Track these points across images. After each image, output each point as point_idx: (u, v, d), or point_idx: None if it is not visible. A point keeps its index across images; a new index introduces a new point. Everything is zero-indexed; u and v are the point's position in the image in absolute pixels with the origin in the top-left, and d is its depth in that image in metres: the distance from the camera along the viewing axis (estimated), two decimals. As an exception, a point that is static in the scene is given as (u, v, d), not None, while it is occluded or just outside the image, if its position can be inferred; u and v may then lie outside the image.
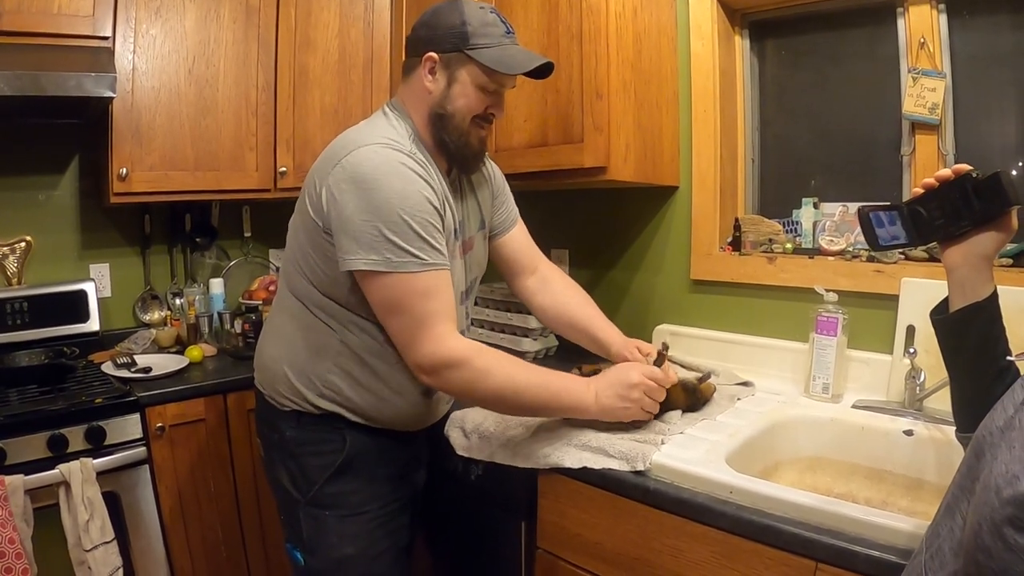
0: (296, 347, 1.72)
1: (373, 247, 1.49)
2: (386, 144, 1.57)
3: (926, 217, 1.18)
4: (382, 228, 1.48)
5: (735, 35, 2.43)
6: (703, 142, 2.37)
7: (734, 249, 2.34)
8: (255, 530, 2.65)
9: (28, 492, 2.04)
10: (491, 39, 1.64)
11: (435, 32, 1.66)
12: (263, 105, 2.92)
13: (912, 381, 1.84)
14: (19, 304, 2.71)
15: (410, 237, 1.50)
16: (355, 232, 1.49)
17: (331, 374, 1.69)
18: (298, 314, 1.72)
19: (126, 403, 2.31)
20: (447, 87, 1.66)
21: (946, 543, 0.90)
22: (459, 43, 1.63)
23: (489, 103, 1.70)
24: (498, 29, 1.66)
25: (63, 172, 2.94)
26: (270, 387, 1.78)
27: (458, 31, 1.63)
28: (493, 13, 1.68)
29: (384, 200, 1.49)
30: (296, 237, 1.71)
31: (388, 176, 1.51)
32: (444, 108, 1.66)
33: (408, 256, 1.50)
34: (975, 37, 2.03)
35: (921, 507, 1.68)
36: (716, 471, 1.49)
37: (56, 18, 2.43)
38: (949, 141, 2.05)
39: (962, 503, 0.90)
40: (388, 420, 1.75)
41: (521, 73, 1.68)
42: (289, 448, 1.75)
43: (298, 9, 2.92)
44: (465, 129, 1.68)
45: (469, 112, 1.67)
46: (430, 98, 1.67)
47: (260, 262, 3.47)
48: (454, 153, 1.70)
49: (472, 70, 1.64)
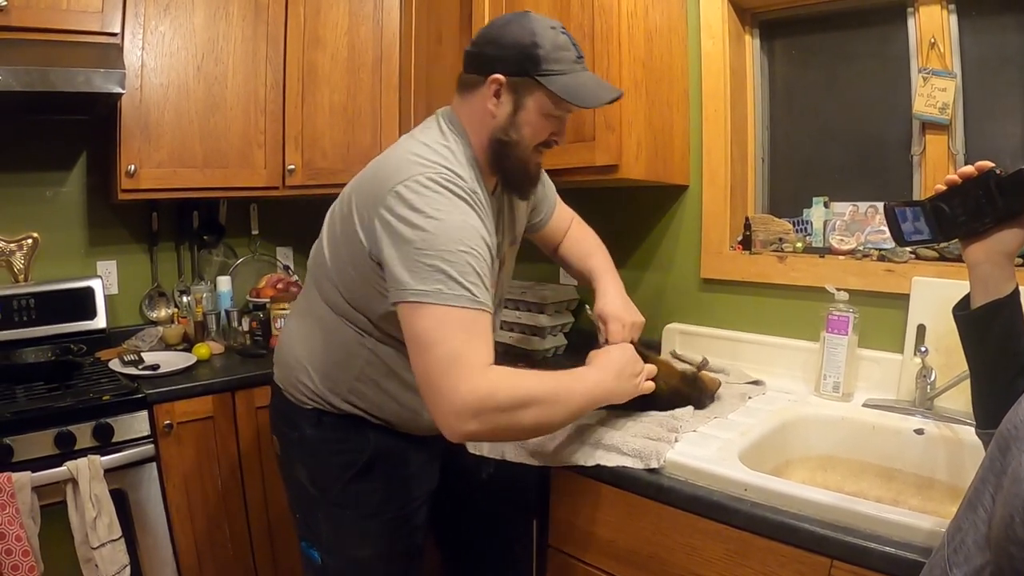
0: (323, 352, 1.69)
1: (426, 279, 1.38)
2: (444, 173, 1.47)
3: (949, 214, 1.17)
4: (438, 261, 1.38)
5: (745, 34, 2.43)
6: (713, 141, 2.36)
7: (744, 248, 2.34)
8: (262, 528, 2.65)
9: (35, 489, 2.05)
10: (563, 64, 1.54)
11: (503, 52, 1.55)
12: (272, 103, 2.92)
13: (923, 380, 1.84)
14: (26, 301, 2.71)
15: (466, 271, 1.40)
16: (410, 264, 1.39)
17: (358, 381, 1.66)
18: (328, 320, 1.68)
19: (134, 400, 2.31)
20: (513, 113, 1.57)
21: (969, 537, 0.90)
22: (529, 67, 1.52)
23: (553, 129, 1.62)
24: (570, 54, 1.56)
25: (71, 169, 2.94)
26: (291, 385, 1.76)
27: (529, 53, 1.52)
28: (564, 35, 1.57)
29: (443, 232, 1.40)
30: (335, 248, 1.64)
31: (448, 210, 1.43)
32: (508, 135, 1.58)
33: (462, 290, 1.38)
34: (985, 38, 2.02)
35: (932, 506, 1.68)
36: (730, 469, 1.48)
37: (65, 14, 2.43)
38: (959, 141, 2.05)
39: (984, 497, 0.89)
40: (409, 428, 1.73)
41: (595, 106, 1.60)
42: (310, 446, 1.73)
43: (307, 7, 2.92)
44: (527, 156, 1.61)
45: (534, 140, 1.60)
46: (493, 122, 1.58)
47: (267, 260, 3.46)
48: (511, 179, 1.65)
49: (541, 97, 1.55)
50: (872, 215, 2.16)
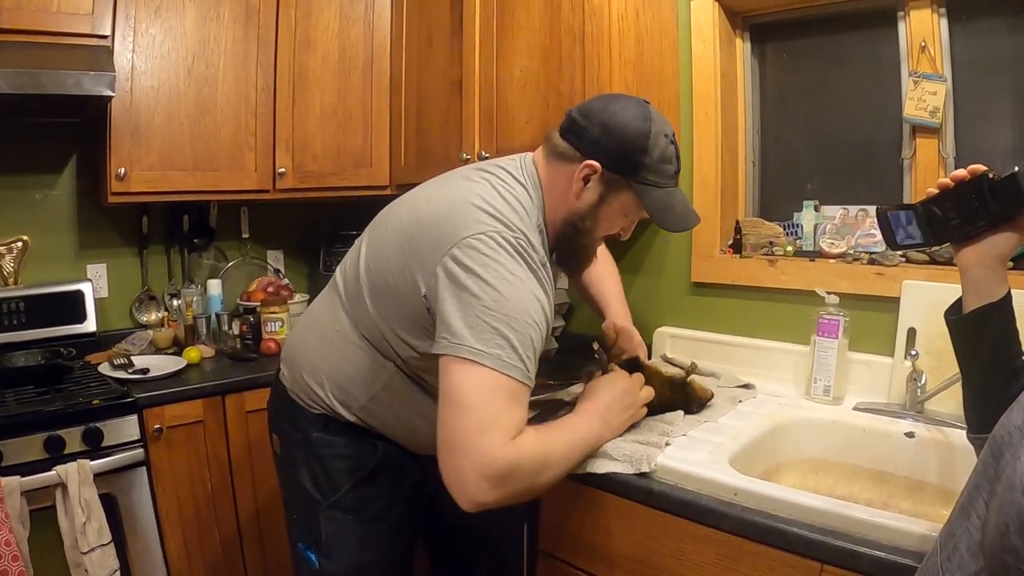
0: (341, 366, 1.66)
1: (488, 340, 1.33)
2: (519, 237, 1.44)
3: (941, 217, 1.17)
4: (503, 326, 1.34)
5: (736, 38, 2.43)
6: (704, 144, 2.36)
7: (735, 251, 2.34)
8: (253, 532, 2.64)
9: (25, 494, 2.04)
10: (662, 178, 1.51)
11: (610, 141, 1.49)
12: (262, 105, 2.91)
13: (913, 383, 1.84)
14: (16, 304, 2.70)
15: (526, 344, 1.37)
16: (472, 320, 1.35)
17: (371, 402, 1.65)
18: (352, 338, 1.64)
19: (124, 404, 2.30)
20: (596, 204, 1.53)
21: (963, 544, 0.89)
22: (629, 171, 1.49)
23: (624, 226, 1.62)
24: (671, 167, 1.52)
25: (61, 171, 2.93)
26: (300, 389, 1.73)
27: (635, 158, 1.48)
28: (673, 145, 1.53)
29: (513, 298, 1.37)
30: (381, 276, 1.57)
31: (521, 277, 1.40)
32: (584, 223, 1.55)
33: (519, 361, 1.35)
34: (975, 41, 2.03)
35: (923, 509, 1.68)
36: (720, 472, 1.48)
37: (55, 16, 2.42)
38: (950, 144, 2.05)
39: (978, 503, 0.89)
40: (416, 446, 1.73)
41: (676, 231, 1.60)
42: (314, 449, 1.71)
43: (298, 9, 2.92)
44: (593, 246, 1.62)
45: (605, 232, 1.60)
46: (574, 204, 1.54)
47: (258, 263, 3.45)
48: (569, 260, 1.64)
49: (628, 199, 1.53)
50: (862, 218, 2.16)
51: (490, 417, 1.33)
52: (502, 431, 1.33)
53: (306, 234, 3.48)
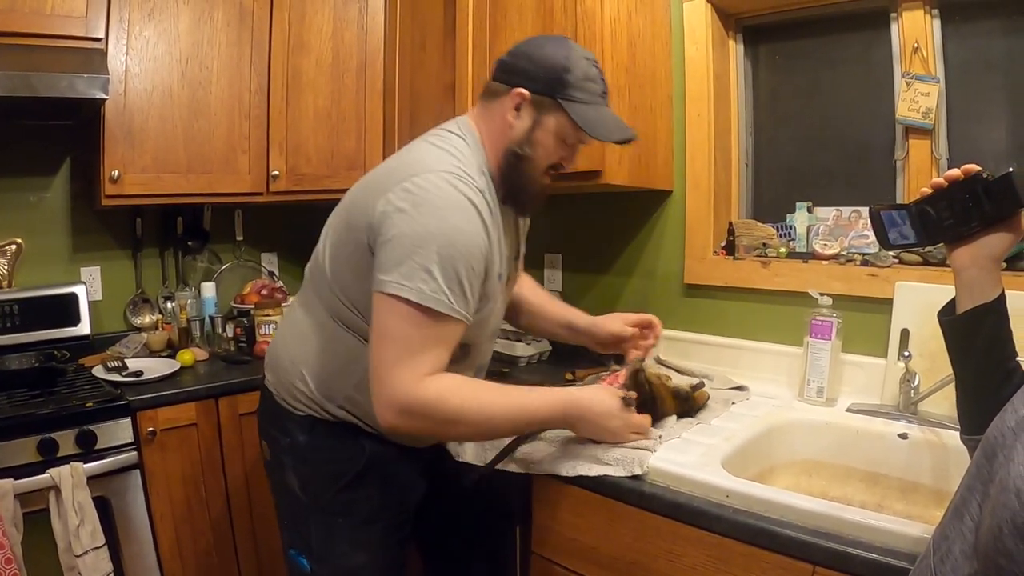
0: (321, 358, 1.68)
1: (411, 274, 1.40)
2: (457, 176, 1.49)
3: (935, 217, 1.17)
4: (427, 259, 1.40)
5: (729, 40, 2.44)
6: (697, 146, 2.37)
7: (728, 253, 2.34)
8: (247, 535, 2.63)
9: (18, 497, 2.03)
10: (588, 95, 1.56)
11: (534, 68, 1.57)
12: (256, 108, 2.91)
13: (907, 384, 1.84)
14: (9, 307, 2.69)
15: (450, 277, 1.42)
16: (399, 255, 1.41)
17: (353, 390, 1.64)
18: (325, 326, 1.67)
19: (117, 407, 2.29)
20: (530, 129, 1.58)
21: (956, 546, 0.89)
22: (556, 90, 1.55)
23: (564, 154, 1.64)
24: (597, 86, 1.58)
25: (54, 174, 2.92)
26: (284, 390, 1.74)
27: (558, 76, 1.54)
28: (595, 68, 1.59)
29: (440, 232, 1.41)
30: (336, 249, 1.65)
31: (452, 209, 1.44)
32: (522, 149, 1.59)
33: (441, 294, 1.41)
34: (968, 43, 2.04)
35: (916, 510, 1.68)
36: (712, 475, 1.48)
37: (49, 19, 2.42)
38: (942, 145, 2.06)
39: (971, 505, 0.89)
40: (402, 439, 1.71)
41: (609, 141, 1.62)
42: (302, 453, 1.71)
43: (292, 12, 2.92)
44: (536, 176, 1.62)
45: (546, 159, 1.61)
46: (510, 134, 1.59)
47: (252, 266, 3.45)
48: (518, 196, 1.64)
49: (561, 120, 1.56)
50: (856, 220, 2.16)
51: (403, 351, 1.42)
52: (413, 367, 1.42)
53: (300, 236, 3.46)
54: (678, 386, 1.87)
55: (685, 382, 1.94)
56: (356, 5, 2.92)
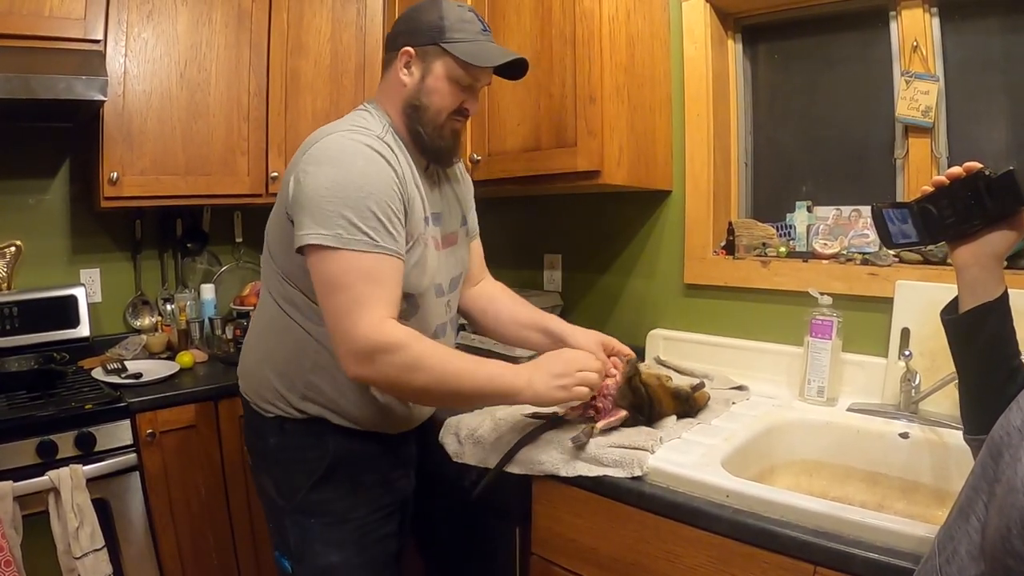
0: (276, 350, 1.72)
1: (326, 223, 1.46)
2: (355, 130, 1.59)
3: (936, 215, 1.16)
4: (339, 205, 1.46)
5: (728, 39, 2.43)
6: (696, 146, 2.37)
7: (728, 253, 2.34)
8: (246, 537, 2.63)
9: (17, 499, 2.03)
10: (467, 34, 1.65)
11: (413, 26, 1.67)
12: (255, 109, 2.91)
13: (907, 384, 1.84)
14: (9, 309, 2.69)
15: (366, 216, 1.47)
16: (312, 208, 1.47)
17: (311, 375, 1.67)
18: (275, 316, 1.71)
19: (116, 409, 2.29)
20: (421, 80, 1.66)
21: (962, 546, 0.89)
22: (435, 37, 1.64)
23: (464, 98, 1.70)
24: (474, 26, 1.67)
25: (53, 176, 2.92)
26: (255, 394, 1.77)
27: (435, 25, 1.64)
28: (471, 12, 1.69)
29: (345, 178, 1.48)
30: (270, 231, 1.72)
31: (353, 156, 1.52)
32: (419, 100, 1.67)
33: (360, 235, 1.47)
34: (967, 41, 2.03)
35: (917, 510, 1.67)
36: (712, 475, 1.48)
37: (47, 21, 2.41)
38: (942, 144, 2.06)
39: (977, 506, 0.88)
40: (371, 421, 1.73)
41: (493, 66, 1.68)
42: (274, 455, 1.74)
43: (290, 13, 2.92)
44: (440, 123, 1.68)
45: (443, 105, 1.67)
46: (405, 91, 1.68)
47: (251, 268, 3.44)
48: (428, 145, 1.69)
49: (447, 63, 1.65)
50: (856, 219, 2.16)
51: (349, 299, 1.46)
52: (367, 311, 1.46)
53: (300, 238, 3.47)
54: (679, 387, 1.86)
55: (686, 382, 1.93)
56: (354, 7, 2.92)
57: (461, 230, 1.89)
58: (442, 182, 1.83)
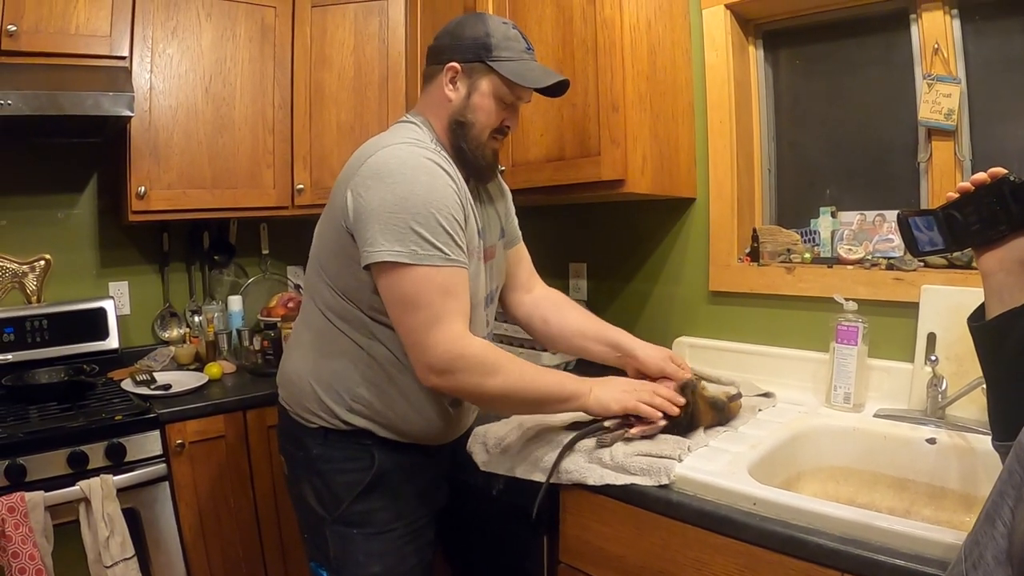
0: (323, 362, 1.71)
1: (399, 239, 1.47)
2: (411, 143, 1.59)
3: (962, 222, 1.16)
4: (409, 220, 1.48)
5: (749, 45, 2.43)
6: (719, 153, 2.36)
7: (752, 260, 2.33)
8: (275, 547, 2.65)
9: (48, 508, 2.06)
10: (512, 53, 1.67)
11: (458, 42, 1.69)
12: (280, 122, 2.94)
13: (934, 389, 1.82)
14: (39, 322, 2.73)
15: (436, 231, 1.50)
16: (380, 225, 1.49)
17: (359, 387, 1.67)
18: (323, 329, 1.71)
19: (146, 420, 2.31)
20: (467, 96, 1.68)
21: (989, 552, 0.88)
22: (482, 54, 1.66)
23: (505, 116, 1.73)
24: (519, 44, 1.69)
25: (81, 191, 2.96)
26: (296, 403, 1.76)
27: (481, 42, 1.66)
28: (515, 29, 1.71)
29: (411, 192, 1.49)
30: (321, 245, 1.73)
31: (415, 170, 1.53)
32: (464, 116, 1.69)
33: (433, 249, 1.49)
34: (989, 42, 2.02)
35: (944, 516, 1.66)
36: (739, 482, 1.47)
37: (74, 38, 2.46)
38: (966, 147, 2.04)
39: (1003, 511, 0.88)
40: (417, 434, 1.74)
41: (539, 87, 1.69)
42: (315, 466, 1.73)
43: (313, 27, 2.95)
44: (483, 140, 1.70)
45: (488, 122, 1.70)
46: (450, 106, 1.70)
47: (278, 279, 3.47)
48: (470, 161, 1.71)
49: (493, 81, 1.67)
50: (880, 224, 2.15)
51: (429, 314, 1.50)
52: (448, 325, 1.51)
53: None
54: (715, 396, 1.85)
55: (721, 391, 1.92)
56: (377, 19, 2.95)
57: (499, 243, 1.91)
58: (482, 196, 1.84)
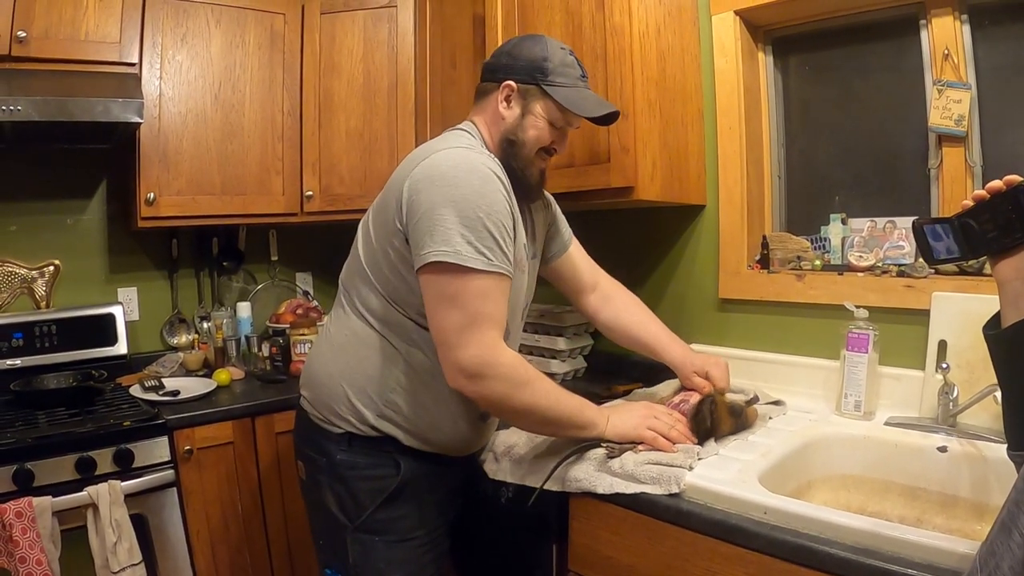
0: (358, 365, 1.72)
1: (446, 240, 1.49)
2: (466, 148, 1.62)
3: (977, 230, 1.15)
4: (457, 222, 1.49)
5: (758, 51, 2.43)
6: (729, 160, 2.36)
7: (762, 267, 2.33)
8: (283, 554, 2.65)
9: (56, 514, 2.06)
10: (568, 79, 1.71)
11: (516, 62, 1.72)
12: (289, 129, 2.95)
13: (945, 397, 1.81)
14: (48, 327, 2.74)
15: (483, 235, 1.51)
16: (430, 226, 1.50)
17: (393, 393, 1.68)
18: (361, 332, 1.72)
19: (154, 426, 2.32)
20: (521, 116, 1.72)
21: (1005, 562, 0.87)
22: (538, 77, 1.70)
23: (555, 138, 1.75)
24: (575, 71, 1.73)
25: (91, 197, 2.97)
26: (322, 406, 1.76)
27: (539, 66, 1.70)
28: (572, 56, 1.75)
29: (462, 196, 1.51)
30: (369, 249, 1.73)
31: (468, 174, 1.54)
32: (516, 135, 1.71)
33: (477, 254, 1.50)
34: (999, 47, 2.01)
35: (956, 524, 1.65)
36: (749, 491, 1.46)
37: (83, 45, 2.47)
38: (976, 152, 2.03)
39: (1019, 520, 0.87)
40: (443, 443, 1.75)
41: (592, 117, 1.73)
42: (338, 471, 1.73)
43: (322, 34, 2.96)
44: (532, 159, 1.74)
45: (538, 143, 1.73)
46: (503, 124, 1.73)
47: (287, 286, 3.48)
48: (519, 180, 1.72)
49: (547, 105, 1.71)
50: (890, 230, 2.14)
51: (465, 315, 1.51)
52: (484, 330, 1.52)
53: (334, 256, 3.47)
54: (733, 402, 1.85)
55: (739, 397, 1.92)
56: (386, 26, 2.95)
57: (533, 261, 1.91)
58: (525, 212, 1.84)
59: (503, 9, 2.44)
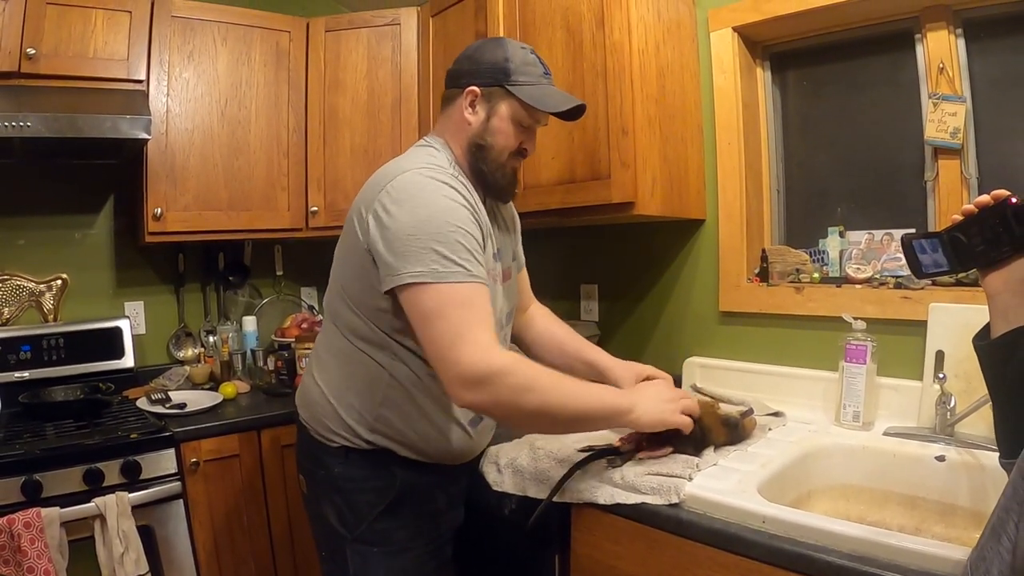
0: (345, 382, 1.73)
1: (419, 260, 1.48)
2: (429, 168, 1.61)
3: (966, 243, 1.18)
4: (428, 241, 1.49)
5: (757, 67, 2.45)
6: (728, 174, 2.38)
7: (762, 280, 2.35)
8: (288, 565, 2.66)
9: (64, 525, 2.08)
10: (531, 77, 1.71)
11: (478, 66, 1.72)
12: (294, 146, 2.98)
13: (943, 406, 1.82)
14: (55, 340, 2.77)
15: (456, 248, 1.50)
16: (401, 248, 1.50)
17: (382, 407, 1.69)
18: (346, 350, 1.72)
19: (161, 438, 2.34)
20: (486, 120, 1.72)
21: (994, 567, 0.89)
22: (501, 78, 1.70)
23: (523, 139, 1.75)
24: (537, 69, 1.73)
25: (98, 211, 3.01)
26: (317, 423, 1.77)
27: (500, 67, 1.70)
28: (533, 54, 1.75)
29: (429, 215, 1.52)
30: (341, 268, 1.74)
31: (433, 194, 1.55)
32: (483, 139, 1.72)
33: (454, 266, 1.49)
34: (993, 60, 2.03)
35: (955, 533, 1.66)
36: (748, 501, 1.48)
37: (92, 62, 2.51)
38: (972, 165, 2.05)
39: (1008, 526, 0.89)
40: (437, 453, 1.75)
41: (557, 111, 1.73)
42: (337, 484, 1.74)
43: (327, 51, 2.99)
44: (502, 161, 1.73)
45: (506, 145, 1.73)
46: (470, 129, 1.73)
47: (292, 300, 3.50)
48: (490, 183, 1.74)
49: (512, 105, 1.71)
50: (888, 243, 2.16)
51: (452, 328, 1.47)
52: (474, 339, 1.46)
53: (338, 270, 3.53)
54: (728, 414, 1.86)
55: (734, 409, 1.93)
56: (390, 43, 2.98)
57: (513, 265, 1.93)
58: (498, 220, 1.86)
59: (505, 27, 2.47)
